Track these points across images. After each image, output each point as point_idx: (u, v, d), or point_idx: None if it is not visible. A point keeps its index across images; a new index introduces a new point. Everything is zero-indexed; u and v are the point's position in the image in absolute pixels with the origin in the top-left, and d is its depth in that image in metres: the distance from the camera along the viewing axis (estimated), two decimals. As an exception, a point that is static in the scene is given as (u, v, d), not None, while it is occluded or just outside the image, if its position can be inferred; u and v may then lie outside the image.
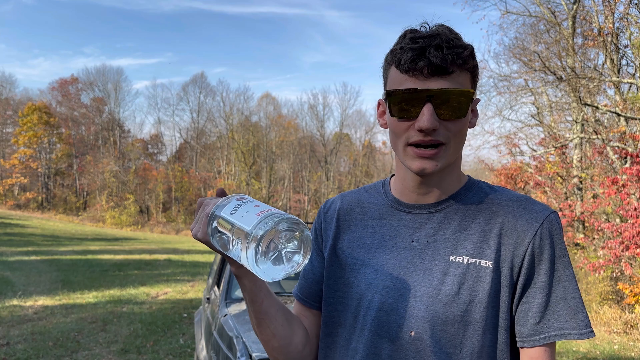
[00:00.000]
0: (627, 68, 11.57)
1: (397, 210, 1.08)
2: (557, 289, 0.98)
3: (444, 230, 1.02)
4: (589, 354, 6.78)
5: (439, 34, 0.94)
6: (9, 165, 43.09)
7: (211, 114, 48.35)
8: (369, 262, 1.07)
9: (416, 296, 1.00)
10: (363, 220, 1.12)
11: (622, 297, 9.12)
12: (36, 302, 8.78)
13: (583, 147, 12.83)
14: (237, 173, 43.30)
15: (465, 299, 0.97)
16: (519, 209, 1.01)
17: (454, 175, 1.05)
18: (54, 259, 15.57)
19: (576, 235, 11.71)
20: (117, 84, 48.63)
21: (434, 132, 0.95)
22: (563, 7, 12.97)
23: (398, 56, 0.96)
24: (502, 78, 14.83)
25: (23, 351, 5.80)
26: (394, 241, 1.06)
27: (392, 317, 1.01)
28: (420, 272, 1.01)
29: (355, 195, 1.18)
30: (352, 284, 1.08)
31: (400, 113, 0.96)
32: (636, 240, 7.75)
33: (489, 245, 0.99)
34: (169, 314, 8.20)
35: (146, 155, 50.04)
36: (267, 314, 1.08)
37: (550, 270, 0.98)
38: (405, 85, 0.95)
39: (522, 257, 0.98)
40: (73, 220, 38.96)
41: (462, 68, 0.95)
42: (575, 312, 0.97)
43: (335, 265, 1.12)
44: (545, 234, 0.98)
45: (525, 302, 0.98)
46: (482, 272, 0.98)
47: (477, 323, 0.97)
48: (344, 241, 1.13)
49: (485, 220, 1.01)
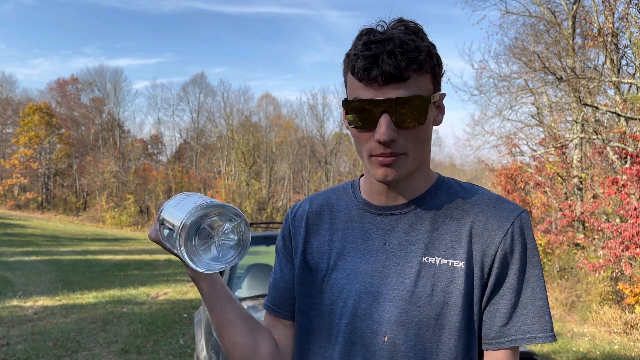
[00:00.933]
0: (627, 68, 11.58)
1: (368, 213, 1.05)
2: (525, 290, 0.96)
3: (416, 231, 1.00)
4: (589, 354, 6.77)
5: (392, 37, 0.89)
6: (9, 166, 43.07)
7: (211, 114, 48.36)
8: (340, 267, 1.03)
9: (389, 300, 0.97)
10: (333, 223, 1.09)
11: (622, 297, 9.12)
12: (36, 303, 8.78)
13: (583, 147, 12.83)
14: (237, 173, 43.28)
15: (439, 301, 0.95)
16: (489, 207, 0.99)
17: (422, 175, 1.03)
18: (54, 259, 15.57)
19: (576, 235, 11.71)
20: (116, 84, 48.65)
21: (392, 144, 0.92)
22: (563, 7, 12.97)
23: (352, 63, 0.92)
24: (502, 78, 14.84)
25: (23, 351, 5.80)
26: (366, 244, 1.03)
27: (366, 323, 0.98)
28: (393, 275, 0.98)
29: (324, 198, 1.14)
30: (324, 290, 1.05)
31: (357, 124, 0.93)
32: (636, 240, 7.75)
33: (461, 245, 0.97)
34: (169, 314, 8.20)
35: (146, 156, 50.04)
36: (228, 321, 1.05)
37: (521, 270, 0.96)
38: (360, 93, 0.92)
39: (492, 256, 0.96)
40: (73, 221, 38.95)
41: (419, 72, 0.91)
42: (541, 315, 0.95)
43: (306, 271, 1.09)
44: (517, 233, 0.96)
45: (494, 303, 0.96)
46: (455, 273, 0.95)
47: (453, 326, 0.95)
48: (313, 246, 1.09)
49: (456, 219, 0.99)
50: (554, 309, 10.28)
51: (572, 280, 10.78)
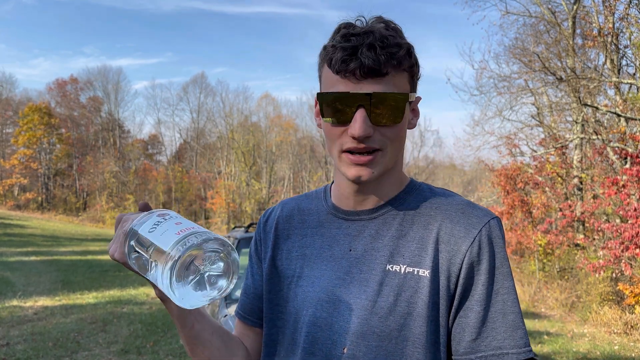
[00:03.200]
0: (627, 68, 11.57)
1: (336, 218, 1.01)
2: (495, 303, 0.89)
3: (382, 238, 0.95)
4: (589, 355, 6.77)
5: (372, 31, 0.87)
6: (9, 166, 43.07)
7: (211, 114, 48.36)
8: (306, 274, 0.99)
9: (351, 309, 0.92)
10: (302, 228, 1.05)
11: (622, 298, 9.12)
12: (36, 303, 8.78)
13: (583, 148, 12.83)
14: (237, 173, 43.28)
15: (403, 312, 0.89)
16: (457, 213, 0.93)
17: (392, 179, 0.98)
18: (54, 260, 15.57)
19: (576, 236, 11.71)
20: (116, 84, 48.67)
21: (368, 139, 0.88)
22: (563, 8, 12.98)
23: (330, 55, 0.88)
24: (502, 78, 14.83)
25: (23, 351, 5.80)
26: (332, 250, 0.98)
27: (326, 333, 0.93)
28: (356, 283, 0.93)
29: (296, 202, 1.11)
30: (289, 298, 1.00)
31: (332, 117, 0.89)
32: (636, 241, 7.75)
33: (427, 252, 0.91)
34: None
35: (146, 156, 50.05)
36: (200, 338, 1.00)
37: (489, 281, 0.90)
38: (336, 87, 0.88)
39: (459, 266, 0.90)
40: (73, 221, 38.95)
41: (397, 68, 0.88)
42: (514, 329, 0.88)
43: (274, 278, 1.04)
44: (484, 242, 0.90)
45: (462, 316, 0.90)
46: (420, 282, 0.90)
47: (417, 339, 0.89)
48: (282, 252, 1.05)
49: (423, 226, 0.94)
50: (554, 309, 10.27)
51: (572, 281, 10.78)
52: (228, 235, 5.33)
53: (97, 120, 48.74)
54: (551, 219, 12.64)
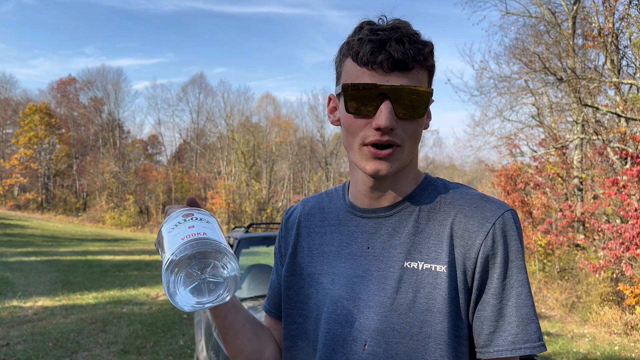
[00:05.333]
0: (628, 69, 11.57)
1: (354, 216, 1.02)
2: (510, 297, 0.90)
3: (399, 235, 0.96)
4: (590, 355, 6.77)
5: (399, 27, 0.89)
6: (9, 166, 43.08)
7: (211, 115, 48.36)
8: (326, 271, 1.01)
9: (370, 306, 0.93)
10: (322, 226, 1.07)
11: (622, 298, 9.11)
12: (36, 303, 8.78)
13: (583, 148, 12.83)
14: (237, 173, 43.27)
15: (422, 308, 0.90)
16: (470, 207, 0.94)
17: (408, 176, 0.99)
18: (54, 260, 15.56)
19: (576, 236, 11.70)
20: (116, 85, 48.68)
21: (391, 132, 0.89)
22: (563, 8, 12.98)
23: (355, 48, 0.89)
24: (502, 79, 14.84)
25: (23, 352, 5.79)
26: (350, 248, 1.00)
27: (347, 330, 0.95)
28: (374, 281, 0.95)
29: (317, 201, 1.13)
30: (310, 295, 1.02)
31: (356, 109, 0.90)
32: (636, 241, 7.74)
33: (442, 248, 0.92)
34: (169, 315, 8.19)
35: (146, 156, 50.06)
36: (232, 329, 1.03)
37: (503, 275, 0.91)
38: (362, 79, 0.89)
39: (474, 260, 0.91)
40: (73, 221, 38.95)
41: (422, 65, 0.90)
42: (527, 323, 0.90)
43: (295, 275, 1.06)
44: (498, 235, 0.91)
45: (481, 309, 0.92)
46: (438, 278, 0.91)
47: (439, 335, 0.89)
48: (304, 249, 1.07)
49: (438, 222, 0.95)
50: (554, 310, 10.27)
51: (572, 281, 10.77)
52: (228, 236, 5.32)
53: (97, 121, 48.75)
54: (551, 220, 12.64)
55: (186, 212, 0.87)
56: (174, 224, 0.85)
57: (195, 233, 0.80)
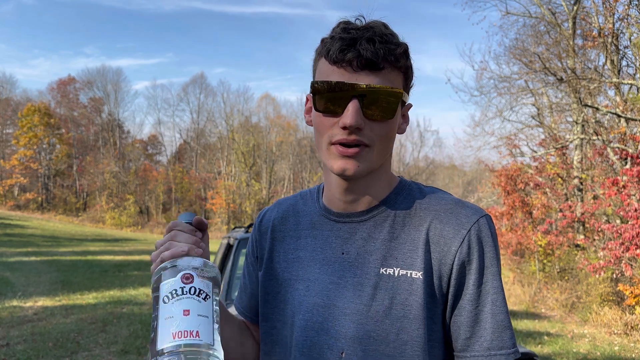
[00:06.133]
0: (628, 69, 11.57)
1: (328, 220, 1.00)
2: (486, 303, 0.90)
3: (374, 240, 0.94)
4: (590, 355, 6.77)
5: (372, 27, 0.88)
6: (9, 166, 43.08)
7: (211, 115, 48.39)
8: (301, 277, 0.99)
9: (346, 314, 0.92)
10: (297, 230, 1.04)
11: (622, 298, 9.11)
12: (36, 303, 8.78)
13: (583, 148, 12.82)
14: (237, 174, 43.29)
15: (399, 315, 0.90)
16: (446, 213, 0.93)
17: (382, 180, 0.97)
18: (54, 260, 15.56)
19: (576, 236, 11.70)
20: (116, 85, 48.70)
21: (358, 132, 0.87)
22: (563, 8, 12.98)
23: (327, 46, 0.89)
24: (502, 79, 14.84)
25: (23, 352, 5.79)
26: (325, 254, 0.98)
27: (323, 338, 0.93)
28: (350, 288, 0.93)
29: (291, 203, 1.10)
30: (287, 301, 1.00)
31: (325, 108, 0.89)
32: (636, 242, 7.74)
33: (418, 254, 0.91)
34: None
35: (146, 156, 50.07)
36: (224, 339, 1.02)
37: (479, 281, 0.91)
38: (331, 77, 0.88)
39: (450, 266, 0.90)
40: (73, 221, 38.96)
41: (393, 66, 0.88)
42: (502, 330, 0.90)
43: (272, 280, 1.04)
44: (474, 242, 0.90)
45: (457, 315, 0.91)
46: (413, 284, 0.90)
47: (415, 341, 0.89)
48: (279, 254, 1.05)
49: (414, 227, 0.94)
50: (554, 310, 10.27)
51: (572, 281, 10.77)
52: (228, 236, 5.31)
53: (97, 121, 48.77)
54: (551, 220, 12.63)
55: (187, 274, 0.83)
56: (172, 288, 0.81)
57: (187, 332, 0.78)
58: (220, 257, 5.13)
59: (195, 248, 0.87)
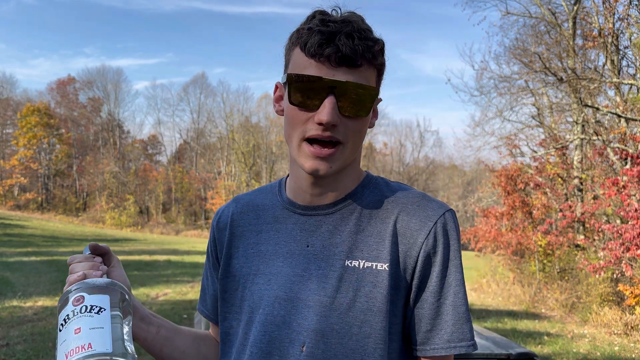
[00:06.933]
0: (628, 69, 11.57)
1: (292, 213, 0.99)
2: (448, 295, 0.91)
3: (340, 233, 0.94)
4: (589, 355, 6.76)
5: (351, 21, 0.86)
6: (9, 166, 43.08)
7: (211, 115, 48.39)
8: (262, 271, 0.97)
9: (309, 306, 0.91)
10: (257, 224, 1.03)
11: (622, 299, 9.11)
12: (36, 303, 8.77)
13: (583, 148, 12.82)
14: (237, 174, 43.31)
15: (362, 307, 0.89)
16: (413, 206, 0.94)
17: (350, 174, 0.97)
18: (54, 260, 15.56)
19: (576, 237, 11.70)
20: (116, 85, 48.70)
21: (333, 128, 0.87)
22: (563, 8, 12.98)
23: (304, 38, 0.87)
24: (502, 79, 14.84)
25: (23, 352, 5.79)
26: (289, 247, 0.96)
27: (284, 331, 0.91)
28: (314, 280, 0.92)
29: (250, 198, 1.08)
30: (245, 297, 0.98)
31: (300, 102, 0.87)
32: (636, 242, 7.74)
33: (384, 246, 0.91)
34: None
35: (146, 156, 50.08)
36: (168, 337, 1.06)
37: (442, 273, 0.91)
38: (308, 71, 0.86)
39: (415, 258, 0.91)
40: (73, 221, 38.95)
41: (370, 63, 0.87)
42: (463, 322, 0.91)
43: (230, 277, 1.02)
44: (440, 234, 0.91)
45: (419, 307, 0.92)
46: (379, 276, 0.90)
47: (378, 334, 0.89)
48: (238, 250, 1.03)
49: (380, 219, 0.94)
50: (554, 310, 10.27)
51: (572, 282, 10.77)
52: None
53: (97, 121, 48.79)
54: (551, 220, 12.63)
55: (77, 297, 0.83)
56: (65, 315, 0.81)
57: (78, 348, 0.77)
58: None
59: (93, 271, 0.89)
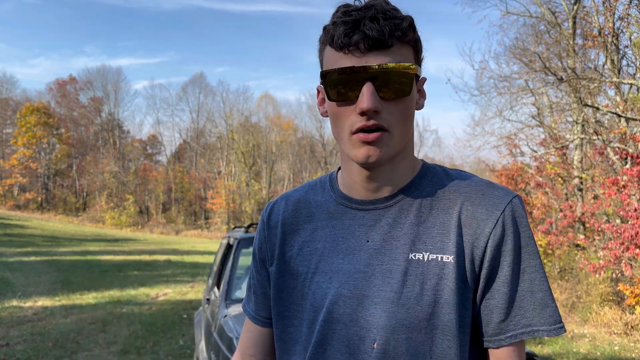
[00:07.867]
0: (628, 69, 11.56)
1: (348, 208, 0.96)
2: (522, 282, 0.88)
3: (401, 226, 0.91)
4: (590, 355, 6.76)
5: (373, 5, 0.85)
6: (9, 166, 43.07)
7: (211, 115, 48.39)
8: (322, 269, 0.95)
9: (376, 303, 0.89)
10: (311, 222, 1.00)
11: (622, 298, 9.11)
12: (36, 303, 8.77)
13: (584, 148, 12.82)
14: (237, 173, 43.31)
15: (430, 300, 0.87)
16: (477, 195, 0.91)
17: (404, 164, 0.94)
18: (54, 260, 15.56)
19: (577, 236, 11.70)
20: (116, 85, 48.70)
21: (376, 115, 0.85)
22: (563, 8, 12.97)
23: (331, 33, 0.86)
24: (502, 79, 14.82)
25: (22, 352, 5.79)
26: (348, 243, 0.94)
27: (352, 329, 0.90)
28: (378, 275, 0.90)
29: (300, 194, 1.05)
30: (306, 296, 0.96)
31: (338, 96, 0.86)
32: (636, 241, 7.73)
33: (449, 238, 0.89)
34: (168, 315, 8.19)
35: (145, 156, 50.08)
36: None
37: (515, 261, 0.88)
38: (340, 63, 0.85)
39: (483, 248, 0.88)
40: (73, 221, 38.95)
41: (402, 41, 0.85)
42: (543, 307, 0.88)
43: (286, 276, 1.00)
44: (508, 222, 0.88)
45: (489, 298, 0.89)
46: (445, 268, 0.88)
47: (446, 326, 0.87)
48: (293, 248, 1.00)
49: (443, 210, 0.91)
50: (554, 310, 10.26)
51: (572, 281, 10.77)
52: (228, 236, 5.31)
53: (97, 121, 48.78)
54: (551, 220, 12.63)
55: None
56: None
57: None
58: (220, 257, 5.13)
59: None
